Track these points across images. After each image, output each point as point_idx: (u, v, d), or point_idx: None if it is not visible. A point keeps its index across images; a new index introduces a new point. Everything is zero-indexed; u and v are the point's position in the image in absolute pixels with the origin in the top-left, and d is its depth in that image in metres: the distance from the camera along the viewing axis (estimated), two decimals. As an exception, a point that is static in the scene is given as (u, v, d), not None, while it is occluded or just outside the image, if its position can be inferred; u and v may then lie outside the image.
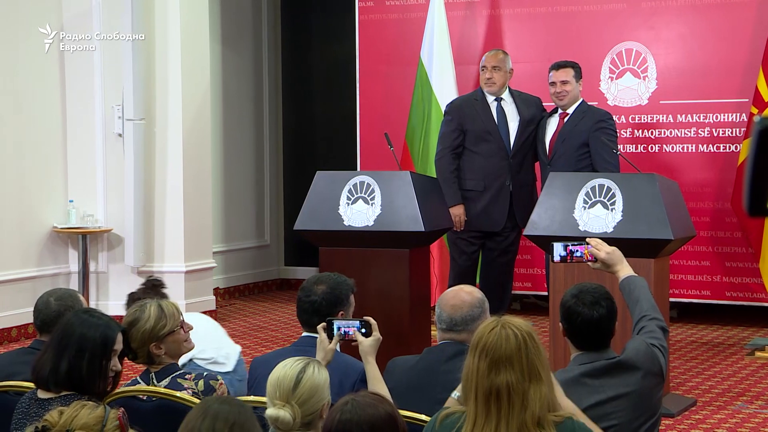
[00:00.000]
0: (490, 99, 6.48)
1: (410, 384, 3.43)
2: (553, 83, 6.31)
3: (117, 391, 3.24)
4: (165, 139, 7.76)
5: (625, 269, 3.51)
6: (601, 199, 5.16)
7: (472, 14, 7.83)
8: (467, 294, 3.47)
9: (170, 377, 3.41)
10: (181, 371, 3.48)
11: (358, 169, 7.95)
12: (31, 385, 3.19)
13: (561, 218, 5.26)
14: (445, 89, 7.13)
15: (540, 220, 5.35)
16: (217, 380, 3.42)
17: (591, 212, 5.17)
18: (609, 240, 3.74)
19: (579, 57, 7.22)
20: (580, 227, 5.17)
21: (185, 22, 7.80)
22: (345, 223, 5.46)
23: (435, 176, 6.37)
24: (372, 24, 8.09)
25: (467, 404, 2.55)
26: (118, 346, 3.15)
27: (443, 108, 6.89)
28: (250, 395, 3.51)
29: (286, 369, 2.77)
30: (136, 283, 7.75)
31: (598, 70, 7.48)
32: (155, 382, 3.42)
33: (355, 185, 5.51)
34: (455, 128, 6.45)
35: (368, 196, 5.47)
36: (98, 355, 3.09)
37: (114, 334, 3.14)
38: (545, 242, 5.46)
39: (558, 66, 6.33)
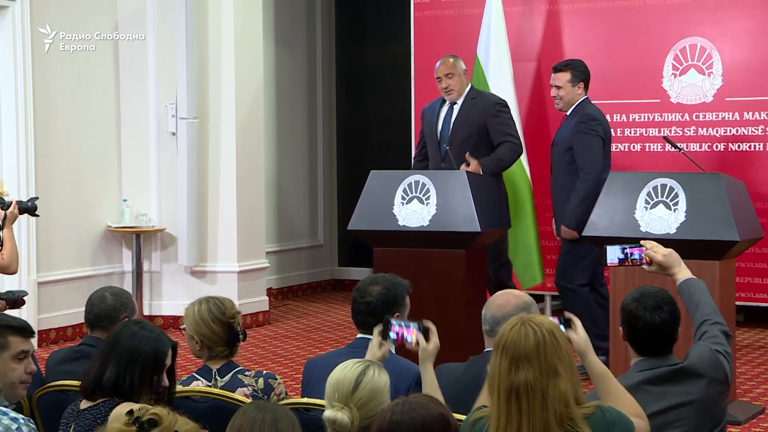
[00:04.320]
0: (447, 104, 6.40)
1: (456, 398, 3.29)
2: (551, 86, 6.25)
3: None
4: (218, 138, 7.73)
5: (683, 272, 3.37)
6: (664, 199, 5.04)
7: (530, 10, 7.67)
8: (515, 297, 3.40)
9: (232, 373, 3.46)
10: (241, 368, 3.51)
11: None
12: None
13: (621, 219, 5.16)
14: (501, 87, 6.99)
15: (599, 221, 5.25)
16: (276, 379, 3.43)
17: (653, 213, 5.05)
18: (672, 241, 3.63)
19: (641, 53, 7.05)
20: (641, 228, 5.03)
21: (239, 20, 7.76)
22: (399, 223, 5.40)
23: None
24: (427, 21, 7.98)
25: (491, 404, 2.53)
26: (168, 361, 3.07)
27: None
28: (303, 397, 3.48)
29: (345, 371, 2.75)
30: (189, 283, 7.84)
31: (661, 67, 7.28)
32: (218, 377, 3.45)
33: (409, 185, 5.45)
34: (420, 135, 6.57)
35: (423, 195, 5.41)
36: (149, 369, 3.02)
37: (165, 349, 3.06)
38: (605, 244, 5.34)
39: (554, 69, 6.24)
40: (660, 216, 5.02)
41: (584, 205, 5.76)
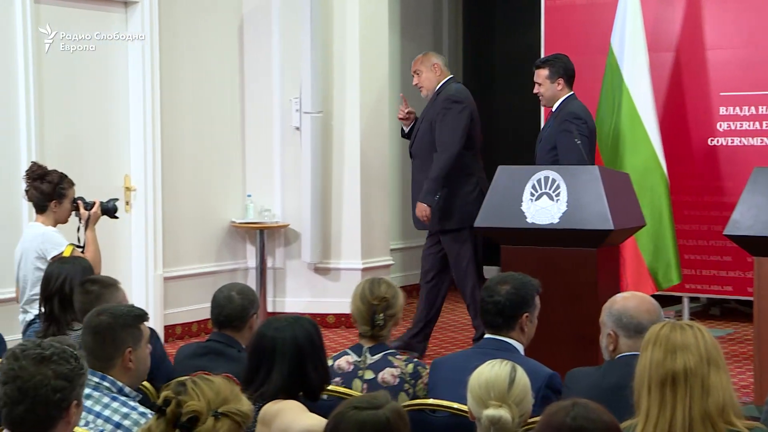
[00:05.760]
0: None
1: (598, 399, 3.09)
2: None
3: None
4: (342, 133, 7.65)
5: None
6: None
7: (669, -4, 7.31)
8: (650, 302, 3.29)
9: (383, 354, 3.63)
10: (393, 351, 3.67)
11: (543, 163, 7.61)
12: None
13: (766, 218, 4.96)
14: (637, 78, 6.66)
15: (742, 219, 5.06)
16: (425, 369, 3.55)
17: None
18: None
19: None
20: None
21: (364, 13, 7.68)
22: (528, 220, 5.24)
23: (626, 171, 6.03)
24: (559, 10, 7.69)
25: (639, 403, 2.40)
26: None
27: (634, 99, 6.54)
28: (429, 398, 3.44)
29: (495, 369, 2.72)
30: (312, 280, 7.79)
31: (813, 56, 6.83)
32: (368, 354, 3.64)
33: (539, 180, 5.28)
34: None
35: (553, 192, 5.24)
36: (319, 353, 3.19)
37: (313, 328, 3.24)
38: (748, 243, 5.07)
39: (535, 65, 6.24)
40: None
41: None
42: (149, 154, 7.03)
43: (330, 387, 3.38)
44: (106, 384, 3.06)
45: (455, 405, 3.16)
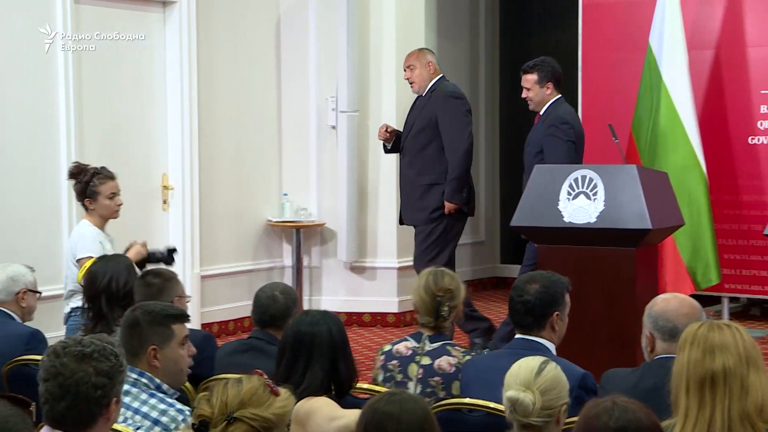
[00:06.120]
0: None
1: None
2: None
3: None
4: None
5: None
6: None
7: (708, -7, 7.21)
8: (691, 305, 3.24)
9: (441, 343, 3.72)
10: (453, 342, 3.75)
11: (580, 162, 7.54)
12: None
13: None
14: (676, 76, 6.59)
15: None
16: None
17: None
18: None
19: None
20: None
21: (400, 11, 7.68)
22: (565, 219, 5.19)
23: (664, 170, 5.96)
24: (596, 7, 7.62)
25: (677, 404, 2.38)
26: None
27: (673, 97, 6.48)
28: (463, 397, 3.43)
29: (528, 361, 2.75)
30: (348, 279, 7.79)
31: None
32: (427, 341, 3.72)
33: (576, 179, 5.23)
34: None
35: (590, 191, 5.19)
36: (348, 347, 3.26)
37: (340, 322, 3.30)
38: None
39: (522, 70, 6.24)
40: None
41: None
42: (187, 153, 7.07)
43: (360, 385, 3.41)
44: (144, 380, 3.08)
45: (492, 404, 3.14)
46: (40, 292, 4.63)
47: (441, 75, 6.58)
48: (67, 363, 2.39)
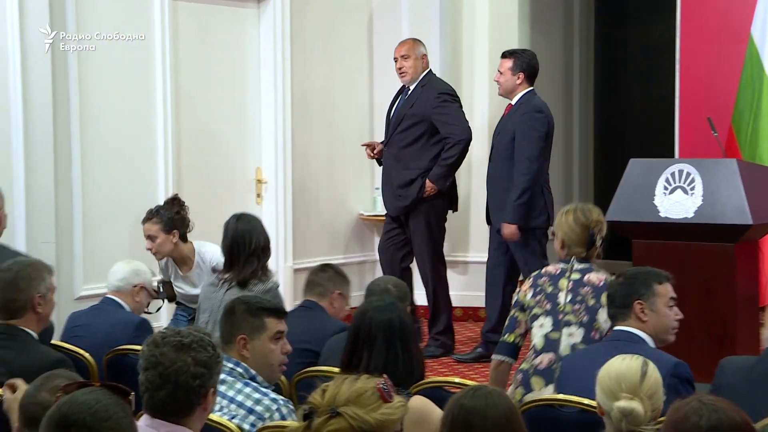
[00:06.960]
0: (405, 89, 6.59)
1: (746, 386, 3.06)
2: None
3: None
4: (472, 126, 7.58)
5: None
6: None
7: (815, -19, 6.97)
8: None
9: (589, 265, 4.06)
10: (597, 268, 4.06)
11: (676, 156, 7.38)
12: None
13: None
14: (777, 69, 6.41)
15: None
16: None
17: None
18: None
19: None
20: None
21: (493, 9, 7.66)
22: (661, 214, 5.13)
23: (765, 164, 5.82)
24: (695, -2, 7.45)
25: None
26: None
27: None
28: (557, 392, 3.42)
29: (625, 362, 2.68)
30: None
31: None
32: (575, 263, 4.04)
33: (672, 174, 5.17)
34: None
35: (687, 185, 5.13)
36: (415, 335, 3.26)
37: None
38: None
39: (502, 54, 6.30)
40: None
41: (524, 199, 6.06)
42: (280, 147, 7.15)
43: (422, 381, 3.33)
44: (239, 370, 3.12)
45: (585, 401, 3.10)
46: (156, 295, 4.79)
47: (429, 69, 6.61)
48: (167, 353, 2.43)
